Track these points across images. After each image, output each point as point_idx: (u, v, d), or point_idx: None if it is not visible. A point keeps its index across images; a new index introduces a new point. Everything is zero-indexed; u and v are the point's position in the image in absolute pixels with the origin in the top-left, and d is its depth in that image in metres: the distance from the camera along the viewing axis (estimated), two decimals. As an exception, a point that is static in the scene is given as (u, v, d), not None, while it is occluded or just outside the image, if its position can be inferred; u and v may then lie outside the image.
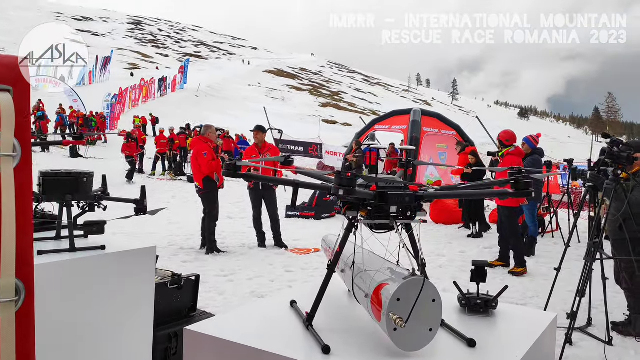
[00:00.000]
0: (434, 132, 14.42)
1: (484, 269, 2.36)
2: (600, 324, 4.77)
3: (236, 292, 5.54)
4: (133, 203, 2.91)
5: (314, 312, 2.10)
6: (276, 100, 74.60)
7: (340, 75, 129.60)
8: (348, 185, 1.73)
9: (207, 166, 7.35)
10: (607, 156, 3.93)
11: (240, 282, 5.97)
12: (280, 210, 10.09)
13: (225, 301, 5.19)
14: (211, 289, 5.48)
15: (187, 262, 6.79)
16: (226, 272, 6.36)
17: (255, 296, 5.45)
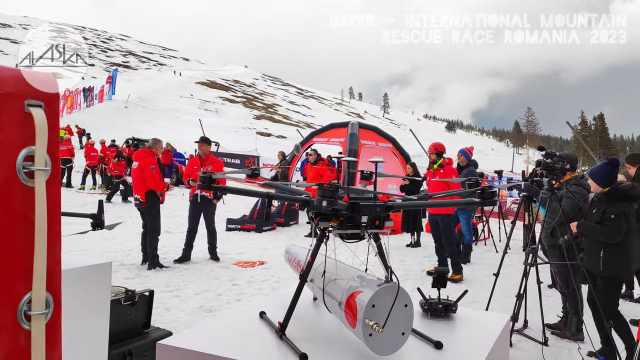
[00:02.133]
0: (371, 144, 14.74)
1: (445, 275, 2.49)
2: (535, 326, 5.07)
3: (184, 307, 5.43)
4: (90, 217, 2.83)
5: (286, 322, 2.14)
6: (210, 112, 73.58)
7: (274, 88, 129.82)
8: (331, 197, 1.79)
9: (154, 183, 7.19)
10: (543, 167, 4.23)
11: (187, 297, 5.85)
12: (220, 224, 10.00)
13: (174, 317, 5.08)
14: (157, 305, 5.32)
15: (129, 278, 6.56)
16: (171, 287, 6.21)
17: (204, 311, 5.36)
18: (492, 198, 1.89)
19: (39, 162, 0.87)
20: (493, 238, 10.54)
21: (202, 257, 8.04)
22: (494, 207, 11.35)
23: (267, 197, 2.07)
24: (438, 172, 7.58)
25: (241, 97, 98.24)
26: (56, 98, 0.89)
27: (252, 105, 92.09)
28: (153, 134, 18.76)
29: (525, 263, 4.57)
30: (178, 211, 13.57)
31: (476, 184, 2.22)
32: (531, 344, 4.81)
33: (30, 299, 1.00)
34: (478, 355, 2.03)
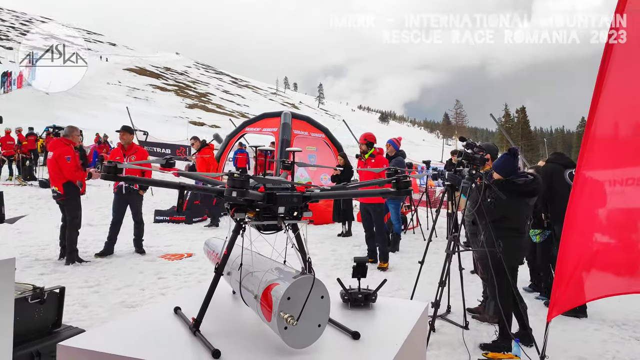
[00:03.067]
0: (304, 134, 14.74)
1: (364, 265, 2.49)
2: (458, 311, 5.25)
3: (103, 303, 5.18)
4: (-12, 211, 2.60)
5: (201, 317, 2.06)
6: (139, 100, 71.02)
7: (208, 77, 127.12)
8: (241, 187, 1.72)
9: (71, 174, 6.79)
10: (464, 157, 4.36)
11: (107, 292, 5.59)
12: (148, 216, 9.66)
13: (91, 314, 4.84)
14: (74, 301, 5.07)
15: (44, 274, 6.20)
16: (90, 283, 5.92)
17: (125, 306, 5.15)
18: (406, 187, 1.89)
19: None
20: (421, 226, 10.83)
21: (126, 251, 7.75)
22: (422, 196, 11.67)
23: (179, 188, 1.96)
24: (369, 161, 7.68)
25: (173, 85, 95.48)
26: None
27: (185, 94, 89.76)
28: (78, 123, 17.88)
29: (447, 250, 4.70)
30: (103, 203, 13.01)
31: (394, 173, 2.22)
32: (453, 328, 4.98)
33: None
34: (394, 343, 2.04)
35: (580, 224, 3.68)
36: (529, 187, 4.40)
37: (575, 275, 3.64)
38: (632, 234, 4.00)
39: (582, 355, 4.41)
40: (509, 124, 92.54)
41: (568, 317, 5.31)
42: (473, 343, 4.54)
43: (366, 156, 7.74)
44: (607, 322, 5.38)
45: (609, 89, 3.44)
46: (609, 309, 5.67)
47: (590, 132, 3.54)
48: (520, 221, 4.55)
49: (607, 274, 4.06)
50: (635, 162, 3.80)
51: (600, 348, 4.62)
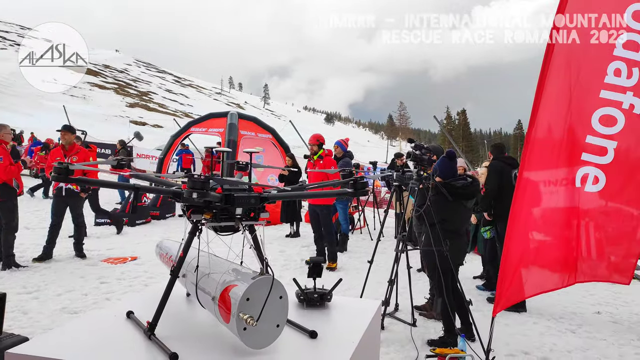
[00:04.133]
0: (250, 135, 14.63)
1: (320, 265, 2.52)
2: (406, 308, 5.38)
3: (43, 309, 4.96)
4: None
5: (156, 321, 2.03)
6: (76, 99, 68.18)
7: (149, 75, 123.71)
8: (202, 188, 1.71)
9: (5, 172, 6.43)
10: (412, 158, 4.48)
11: (48, 298, 5.35)
12: (89, 217, 9.30)
13: (32, 321, 4.62)
14: (13, 308, 4.83)
15: (-23, 281, 5.87)
16: (29, 288, 5.65)
17: (67, 312, 4.95)
18: (364, 188, 1.94)
19: None
20: (368, 227, 11.00)
21: (66, 255, 7.44)
22: (369, 196, 11.87)
23: (133, 190, 1.92)
24: (318, 163, 7.72)
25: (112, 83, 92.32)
26: None
27: (125, 92, 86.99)
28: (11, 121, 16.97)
29: (396, 250, 4.81)
30: (40, 205, 12.44)
31: (350, 174, 2.27)
32: (401, 325, 5.08)
33: None
34: (350, 341, 2.08)
35: (522, 223, 3.86)
36: (467, 189, 4.56)
37: (517, 272, 3.82)
38: (566, 232, 4.25)
39: (523, 348, 4.62)
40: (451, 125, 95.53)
41: (509, 312, 5.55)
42: (421, 339, 4.66)
43: (315, 157, 7.78)
44: (544, 315, 5.66)
45: (549, 91, 3.64)
46: (547, 302, 5.98)
47: (531, 134, 3.73)
48: (458, 223, 4.70)
49: (545, 270, 4.29)
50: (568, 163, 4.04)
51: (538, 341, 4.86)
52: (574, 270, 4.33)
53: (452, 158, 4.61)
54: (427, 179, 4.45)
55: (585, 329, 5.28)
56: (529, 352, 4.54)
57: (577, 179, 4.01)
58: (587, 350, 4.68)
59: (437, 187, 4.46)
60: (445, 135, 32.73)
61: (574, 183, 4.03)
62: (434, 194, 4.44)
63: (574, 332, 5.19)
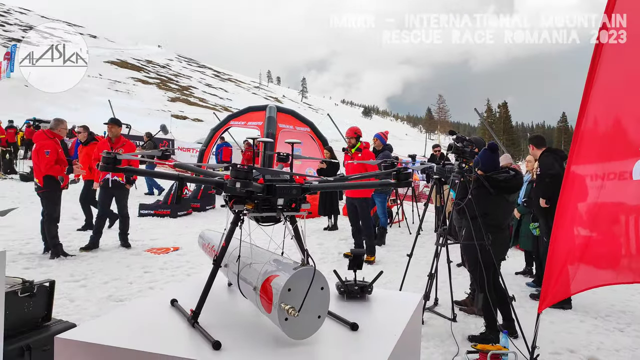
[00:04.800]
0: (289, 128, 14.71)
1: (361, 257, 2.50)
2: (445, 303, 5.30)
3: (90, 297, 5.13)
4: (-23, 203, 2.55)
5: (199, 309, 2.06)
6: (120, 94, 70.06)
7: (190, 70, 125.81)
8: (245, 178, 1.72)
9: (47, 167, 6.67)
10: (453, 151, 4.40)
11: (94, 286, 5.53)
12: (133, 209, 9.56)
13: (79, 308, 4.78)
14: (61, 295, 5.00)
15: (29, 268, 6.11)
16: (77, 277, 5.85)
17: (113, 300, 5.10)
18: (407, 179, 1.91)
19: None
20: (407, 220, 10.90)
21: (112, 245, 7.67)
22: (408, 190, 11.75)
23: (177, 180, 1.95)
24: (356, 155, 7.70)
25: (154, 78, 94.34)
26: None
27: (167, 87, 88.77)
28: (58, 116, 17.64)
29: (436, 244, 4.74)
30: (86, 197, 12.84)
31: (392, 165, 2.24)
32: (441, 320, 5.02)
33: None
34: (392, 334, 2.06)
35: (568, 218, 3.74)
36: (510, 183, 4.44)
37: (564, 269, 3.70)
38: (614, 227, 4.09)
39: (569, 347, 4.49)
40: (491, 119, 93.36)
41: (554, 309, 5.41)
42: (461, 335, 4.59)
43: (353, 150, 7.76)
44: (590, 313, 5.49)
45: (599, 85, 3.49)
46: (593, 299, 5.79)
47: (581, 127, 3.60)
48: (500, 217, 4.59)
49: (591, 266, 4.14)
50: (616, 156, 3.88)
51: (585, 339, 4.71)
52: (622, 268, 4.17)
53: (495, 150, 4.50)
54: (468, 172, 4.36)
55: (634, 328, 5.10)
56: (575, 351, 4.41)
57: (635, 172, 3.84)
58: (637, 350, 4.52)
59: (478, 180, 4.37)
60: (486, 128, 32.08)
61: (628, 177, 3.86)
62: (475, 187, 4.35)
63: (622, 331, 5.01)
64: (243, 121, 15.42)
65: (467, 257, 4.72)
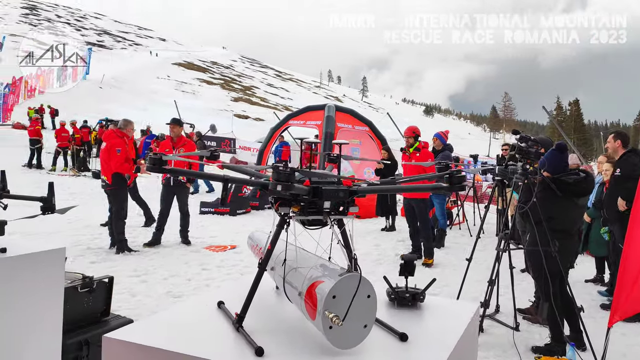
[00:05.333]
0: (347, 127, 14.64)
1: (412, 263, 2.39)
2: (507, 311, 5.06)
3: (150, 292, 5.28)
4: (39, 201, 2.65)
5: (244, 313, 2.02)
6: (186, 94, 72.49)
7: (252, 70, 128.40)
8: (287, 181, 1.66)
9: (118, 165, 6.96)
10: (517, 152, 4.17)
11: (155, 282, 5.70)
12: (194, 207, 9.82)
13: (139, 303, 4.93)
14: (123, 290, 5.18)
15: (95, 262, 6.38)
16: (139, 272, 6.05)
17: (171, 296, 5.23)
18: (460, 183, 1.79)
19: None
20: (467, 222, 10.57)
21: (173, 241, 7.89)
22: (469, 191, 11.39)
23: (222, 181, 1.92)
24: (414, 155, 7.52)
25: (219, 79, 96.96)
26: None
27: (230, 87, 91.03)
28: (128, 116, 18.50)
29: (497, 248, 4.53)
30: (153, 194, 13.30)
31: (445, 167, 2.11)
32: (502, 328, 4.80)
33: None
34: (445, 346, 1.93)
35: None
36: (580, 185, 4.15)
37: (637, 281, 3.41)
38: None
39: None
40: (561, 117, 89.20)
41: (627, 322, 5.03)
42: (524, 345, 4.36)
43: (411, 150, 7.58)
44: (668, 327, 5.07)
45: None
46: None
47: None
48: (567, 222, 4.30)
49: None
50: None
51: (662, 355, 4.36)
52: None
53: (563, 151, 4.23)
54: (533, 174, 4.12)
55: None
56: (650, 367, 4.09)
57: None
58: None
59: (544, 182, 4.12)
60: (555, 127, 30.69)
61: None
62: (540, 190, 4.10)
63: None
64: (302, 120, 15.50)
65: (531, 263, 4.47)
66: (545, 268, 4.03)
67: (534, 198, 4.07)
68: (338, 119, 14.30)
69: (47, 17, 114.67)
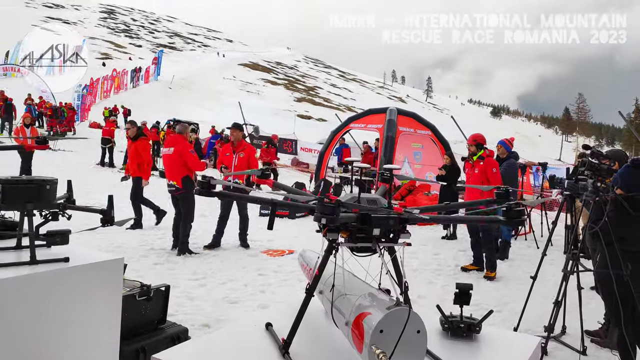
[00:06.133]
0: (409, 131, 14.42)
1: (468, 292, 2.27)
2: (574, 332, 4.77)
3: (207, 297, 5.37)
4: (99, 213, 2.74)
5: (290, 339, 1.99)
6: (251, 94, 73.98)
7: (316, 70, 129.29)
8: (331, 214, 1.61)
9: (196, 166, 7.23)
10: (587, 168, 3.91)
11: (213, 286, 5.80)
12: (254, 209, 9.96)
13: (196, 308, 5.02)
14: (181, 293, 5.31)
15: (158, 264, 6.58)
16: (198, 275, 6.18)
17: (228, 302, 5.30)
18: (519, 217, 1.67)
19: None
20: (534, 233, 10.09)
21: (232, 244, 8.03)
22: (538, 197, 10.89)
23: (271, 204, 1.89)
24: (477, 164, 7.28)
25: (283, 79, 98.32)
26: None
27: (294, 88, 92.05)
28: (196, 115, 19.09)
29: (564, 270, 4.27)
30: (214, 194, 13.62)
31: (506, 194, 2.00)
32: (568, 352, 4.53)
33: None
34: (500, 387, 1.83)
35: None
36: None
37: None
38: None
39: None
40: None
41: None
42: (591, 372, 4.10)
43: (474, 158, 7.34)
44: None
45: None
46: None
47: None
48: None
49: None
50: None
51: None
52: None
53: (638, 167, 3.93)
54: (604, 191, 3.85)
55: None
56: None
57: None
58: None
59: (617, 200, 3.84)
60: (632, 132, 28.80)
61: None
62: (612, 209, 3.83)
63: None
64: (363, 124, 15.43)
65: (601, 286, 4.18)
66: (616, 292, 3.76)
67: (605, 217, 3.80)
68: (400, 122, 14.11)
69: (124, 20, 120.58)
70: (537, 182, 15.43)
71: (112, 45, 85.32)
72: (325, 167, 15.80)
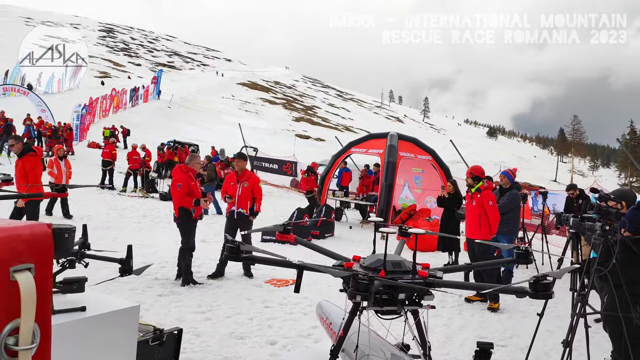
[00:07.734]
0: (410, 156, 14.52)
1: (488, 351, 2.30)
2: (581, 370, 4.77)
3: (214, 333, 5.34)
4: (118, 263, 2.77)
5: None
6: (250, 114, 74.36)
7: (314, 90, 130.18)
8: (365, 291, 1.65)
9: (179, 199, 7.16)
10: (596, 211, 3.96)
11: (218, 320, 5.77)
12: (257, 237, 9.96)
13: (203, 344, 4.99)
14: (189, 329, 5.28)
15: (162, 295, 6.55)
16: (203, 308, 6.16)
17: (235, 338, 5.27)
18: (547, 291, 1.71)
19: (24, 338, 0.75)
20: (535, 262, 10.10)
21: (235, 273, 8.01)
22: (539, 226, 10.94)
23: (297, 268, 1.93)
24: (475, 196, 7.40)
25: (281, 99, 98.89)
26: (49, 256, 0.77)
27: (292, 107, 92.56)
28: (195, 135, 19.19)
29: (573, 313, 4.28)
30: (215, 219, 13.62)
31: (525, 254, 2.03)
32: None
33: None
34: None
35: None
36: None
37: None
38: None
39: None
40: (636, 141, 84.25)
41: None
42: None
43: (472, 190, 7.48)
44: None
45: None
46: None
47: None
48: None
49: None
50: None
51: None
52: None
53: None
54: (612, 233, 3.90)
55: None
56: None
57: None
58: None
59: (625, 242, 3.88)
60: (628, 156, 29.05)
61: None
62: (620, 251, 3.87)
63: None
64: (364, 148, 15.52)
65: (609, 328, 4.20)
66: (626, 336, 3.78)
67: (613, 260, 3.84)
68: (400, 147, 14.23)
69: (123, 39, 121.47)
70: (536, 207, 15.51)
71: (111, 63, 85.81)
72: (326, 191, 15.84)
